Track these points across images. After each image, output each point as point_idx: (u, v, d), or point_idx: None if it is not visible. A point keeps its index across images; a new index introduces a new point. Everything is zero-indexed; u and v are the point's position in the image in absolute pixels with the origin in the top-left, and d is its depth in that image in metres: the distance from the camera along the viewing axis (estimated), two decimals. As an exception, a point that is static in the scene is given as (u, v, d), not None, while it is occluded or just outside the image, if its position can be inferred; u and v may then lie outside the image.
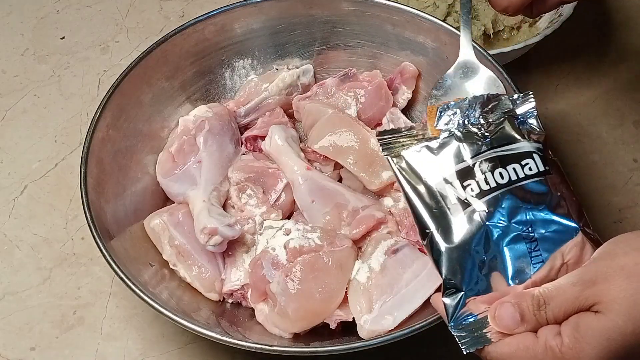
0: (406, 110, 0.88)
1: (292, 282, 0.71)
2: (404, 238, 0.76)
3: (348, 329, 0.73)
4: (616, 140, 0.92)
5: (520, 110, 0.63)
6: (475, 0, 0.97)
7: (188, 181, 0.79)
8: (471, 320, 0.56)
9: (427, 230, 0.59)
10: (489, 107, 0.63)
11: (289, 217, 0.80)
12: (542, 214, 0.58)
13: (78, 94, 0.99)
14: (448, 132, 0.62)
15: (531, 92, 0.65)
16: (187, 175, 0.80)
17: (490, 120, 0.62)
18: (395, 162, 0.62)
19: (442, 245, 0.58)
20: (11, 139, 0.95)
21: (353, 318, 0.72)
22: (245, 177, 0.80)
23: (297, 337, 0.73)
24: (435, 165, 0.60)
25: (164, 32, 0.87)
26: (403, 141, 0.63)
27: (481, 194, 0.58)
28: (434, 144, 0.61)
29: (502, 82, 0.78)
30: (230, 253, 0.77)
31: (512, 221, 0.57)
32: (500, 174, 0.59)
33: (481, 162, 0.59)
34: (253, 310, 0.75)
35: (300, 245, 0.73)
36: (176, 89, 0.86)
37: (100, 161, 0.77)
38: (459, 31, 0.81)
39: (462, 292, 0.57)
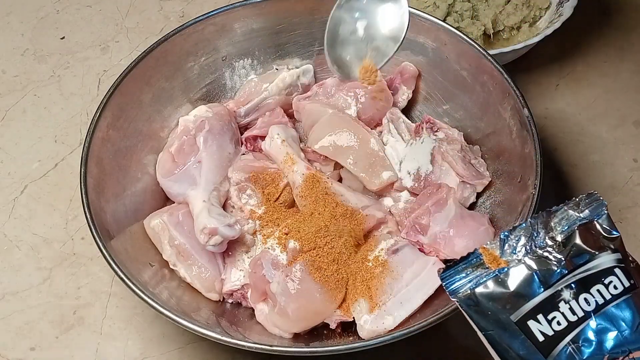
0: (406, 110, 0.88)
1: (292, 282, 0.71)
2: (404, 238, 0.76)
3: (348, 329, 0.73)
4: (616, 140, 0.92)
5: (587, 214, 0.58)
6: (476, 0, 0.97)
7: (188, 181, 0.79)
8: None
9: None
10: (553, 221, 0.58)
11: (289, 217, 0.80)
12: (636, 334, 0.54)
13: (78, 94, 0.99)
14: (517, 261, 0.56)
15: (596, 192, 0.59)
16: (187, 175, 0.80)
17: (558, 238, 0.57)
18: (465, 304, 0.56)
19: None
20: (11, 139, 0.95)
21: (353, 318, 0.72)
22: (245, 177, 0.80)
23: (297, 337, 0.73)
24: (511, 300, 0.55)
25: (164, 32, 0.87)
26: (468, 274, 0.57)
27: (570, 327, 0.54)
28: (504, 275, 0.56)
29: (502, 82, 0.78)
30: (230, 253, 0.77)
31: (608, 349, 0.53)
32: (586, 299, 0.54)
33: (562, 289, 0.55)
34: (253, 310, 0.75)
35: (300, 245, 0.73)
36: (176, 89, 0.86)
37: (100, 161, 0.77)
38: (459, 31, 0.82)
39: None
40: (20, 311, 0.81)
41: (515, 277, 0.55)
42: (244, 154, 0.84)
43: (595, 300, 0.54)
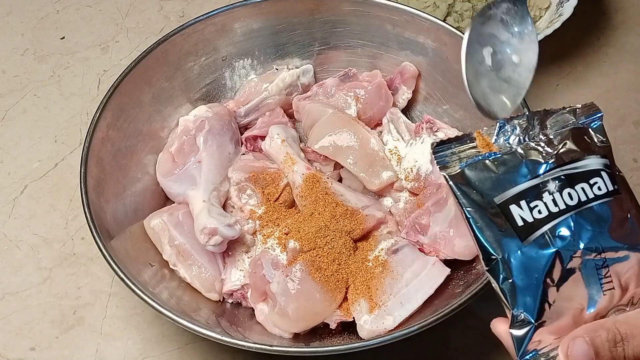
0: (406, 110, 0.88)
1: (292, 282, 0.71)
2: (404, 238, 0.76)
3: (348, 329, 0.73)
4: (616, 140, 0.92)
5: (583, 121, 0.60)
6: (476, 0, 0.97)
7: (188, 181, 0.79)
8: (539, 356, 0.53)
9: (493, 257, 0.55)
10: (550, 121, 0.59)
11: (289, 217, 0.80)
12: (613, 238, 0.55)
13: (78, 94, 0.99)
14: (509, 149, 0.57)
15: (594, 103, 0.60)
16: (187, 175, 0.80)
17: (552, 136, 0.58)
18: (453, 179, 0.57)
19: (511, 273, 0.54)
20: (11, 139, 0.95)
21: (353, 318, 0.72)
22: (245, 177, 0.80)
23: (297, 337, 0.73)
24: (498, 183, 0.56)
25: (164, 32, 0.87)
26: (460, 153, 0.58)
27: (550, 217, 0.55)
28: (495, 160, 0.57)
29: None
30: (230, 253, 0.77)
31: (584, 246, 0.54)
32: (569, 194, 0.55)
33: (548, 181, 0.56)
34: (253, 310, 0.75)
35: (300, 245, 0.73)
36: (176, 89, 0.86)
37: (100, 161, 0.77)
38: (459, 31, 0.82)
39: (532, 324, 0.54)
40: (20, 311, 0.81)
41: (505, 163, 0.57)
42: (244, 154, 0.84)
43: (579, 197, 0.55)
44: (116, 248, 0.73)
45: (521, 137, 0.58)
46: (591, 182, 0.56)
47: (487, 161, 0.57)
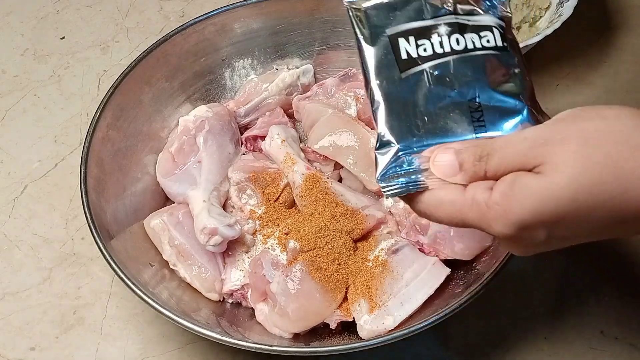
0: (406, 110, 0.87)
1: (292, 282, 0.71)
2: (404, 238, 0.76)
3: (348, 329, 0.73)
4: (616, 140, 0.92)
5: None
6: (475, 0, 0.97)
7: (188, 181, 0.79)
8: (407, 167, 0.54)
9: (369, 79, 0.57)
10: None
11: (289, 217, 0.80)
12: (491, 87, 0.56)
13: (78, 94, 0.99)
14: None
15: None
16: (187, 175, 0.80)
17: None
18: (354, 11, 0.59)
19: (381, 97, 0.56)
20: (11, 139, 0.95)
21: (353, 318, 0.72)
22: (245, 177, 0.80)
23: (297, 337, 0.73)
24: (394, 19, 0.58)
25: (164, 32, 0.87)
26: None
27: (433, 56, 0.56)
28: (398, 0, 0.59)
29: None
30: (230, 253, 0.77)
31: (460, 88, 0.55)
32: (457, 40, 0.57)
33: (440, 25, 0.57)
34: (253, 310, 0.75)
35: (300, 245, 0.73)
36: (176, 89, 0.86)
37: (100, 161, 0.77)
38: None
39: (397, 146, 0.54)
40: (20, 311, 0.81)
41: (407, 4, 0.58)
42: (244, 154, 0.84)
43: (465, 44, 0.57)
44: (116, 248, 0.73)
45: None
46: (481, 34, 0.57)
47: (390, 1, 0.58)
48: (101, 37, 1.05)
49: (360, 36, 0.58)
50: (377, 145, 0.55)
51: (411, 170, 0.53)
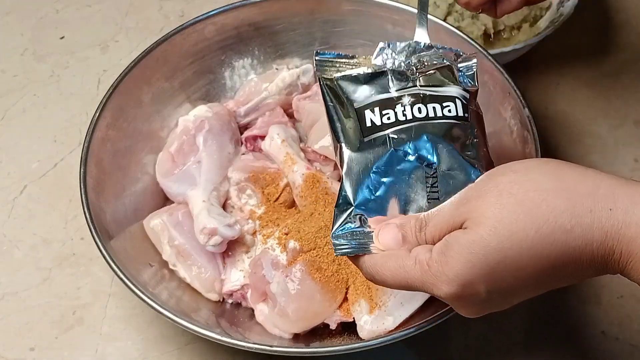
0: (406, 110, 0.87)
1: (292, 283, 0.71)
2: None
3: (348, 329, 0.73)
4: (616, 140, 0.92)
5: (459, 64, 0.64)
6: (476, 0, 0.97)
7: (188, 181, 0.79)
8: (355, 229, 0.57)
9: (338, 143, 0.60)
10: (429, 53, 0.64)
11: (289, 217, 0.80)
12: (449, 155, 0.59)
13: (78, 94, 0.99)
14: (381, 67, 0.63)
15: (475, 54, 0.66)
16: (186, 175, 0.80)
17: (427, 64, 0.63)
18: (324, 81, 0.63)
19: (346, 159, 0.59)
20: (11, 139, 0.95)
21: (353, 318, 0.72)
22: (245, 177, 0.80)
23: (297, 337, 0.72)
24: (361, 92, 0.62)
25: (164, 32, 0.86)
26: (339, 67, 0.64)
27: (396, 123, 0.59)
28: (366, 74, 0.62)
29: (502, 81, 0.78)
30: (230, 253, 0.77)
31: (418, 153, 0.58)
32: (419, 109, 0.60)
33: (404, 96, 0.61)
34: (253, 310, 0.75)
35: (300, 245, 0.73)
36: (176, 89, 0.86)
37: (100, 161, 0.77)
38: (459, 31, 0.82)
39: (352, 207, 0.58)
40: (19, 311, 0.81)
41: (374, 78, 0.62)
42: (243, 154, 0.84)
43: (427, 113, 0.60)
44: (116, 248, 0.73)
45: (397, 60, 0.63)
46: (444, 104, 0.60)
47: (358, 74, 0.62)
48: (101, 37, 1.04)
49: (330, 104, 0.62)
50: (338, 203, 0.58)
51: (361, 232, 0.57)
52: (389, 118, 0.60)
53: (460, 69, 0.64)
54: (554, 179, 0.50)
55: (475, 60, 0.65)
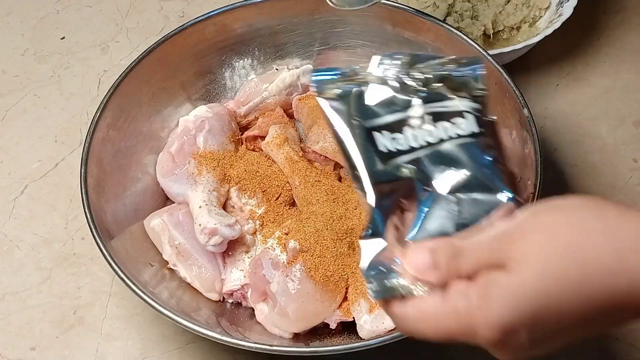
0: (406, 110, 0.87)
1: (292, 282, 0.71)
2: (404, 238, 0.76)
3: (348, 328, 0.73)
4: (616, 140, 0.92)
5: (463, 70, 0.61)
6: (476, 0, 0.97)
7: (188, 181, 0.79)
8: (383, 269, 0.53)
9: (357, 173, 0.57)
10: (431, 63, 0.60)
11: (289, 217, 0.80)
12: (469, 177, 0.56)
13: (78, 94, 0.99)
14: (384, 81, 0.60)
15: (479, 57, 0.62)
16: (187, 176, 0.80)
17: (430, 75, 0.60)
18: (325, 102, 0.59)
19: (370, 191, 0.56)
20: (11, 139, 0.95)
21: (353, 318, 0.72)
22: (246, 177, 0.80)
23: (297, 337, 0.73)
24: (365, 111, 0.58)
25: (164, 32, 0.87)
26: (339, 84, 0.60)
27: (410, 151, 0.57)
28: (369, 91, 0.59)
29: (502, 82, 0.78)
30: (230, 253, 0.77)
31: (437, 179, 0.56)
32: (431, 132, 0.57)
33: (412, 117, 0.58)
34: (253, 310, 0.75)
35: (300, 245, 0.73)
36: (176, 89, 0.86)
37: (100, 161, 0.77)
38: (459, 31, 0.82)
39: (382, 238, 0.54)
40: (20, 311, 0.81)
41: (376, 94, 0.59)
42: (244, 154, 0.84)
43: (439, 135, 0.57)
44: (116, 248, 0.73)
45: (399, 73, 0.60)
46: (455, 121, 0.57)
47: (362, 92, 0.59)
48: (101, 37, 1.05)
49: (338, 127, 0.58)
50: (363, 236, 0.55)
51: (387, 273, 0.53)
52: (400, 144, 0.57)
53: (462, 75, 0.61)
54: (599, 219, 0.48)
55: (481, 63, 0.61)
